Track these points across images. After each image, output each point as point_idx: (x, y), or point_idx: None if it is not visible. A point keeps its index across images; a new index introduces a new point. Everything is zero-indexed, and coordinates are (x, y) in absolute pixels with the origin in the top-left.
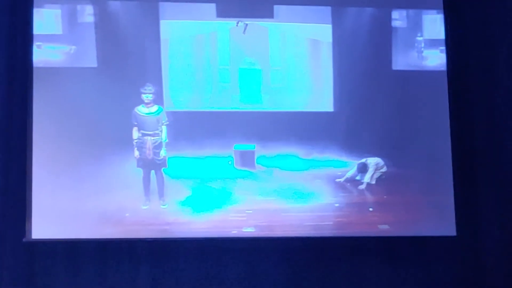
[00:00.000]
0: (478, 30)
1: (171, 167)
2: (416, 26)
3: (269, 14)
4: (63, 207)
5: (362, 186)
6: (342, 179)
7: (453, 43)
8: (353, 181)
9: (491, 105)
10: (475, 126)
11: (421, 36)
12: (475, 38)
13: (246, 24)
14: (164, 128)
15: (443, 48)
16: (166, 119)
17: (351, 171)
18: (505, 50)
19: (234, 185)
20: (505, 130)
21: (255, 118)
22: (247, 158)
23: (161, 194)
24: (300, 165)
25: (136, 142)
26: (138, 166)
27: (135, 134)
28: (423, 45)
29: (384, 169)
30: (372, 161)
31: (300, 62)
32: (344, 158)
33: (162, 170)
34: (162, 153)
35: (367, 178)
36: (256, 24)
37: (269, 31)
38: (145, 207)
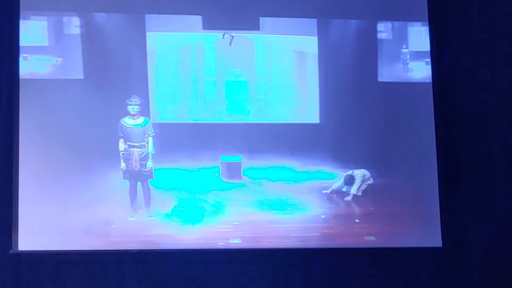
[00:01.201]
0: (463, 42)
1: (157, 178)
2: (401, 38)
3: (255, 26)
4: (50, 218)
5: (349, 198)
6: (328, 191)
7: (438, 55)
8: (340, 193)
9: (476, 116)
10: (460, 137)
11: (407, 48)
12: (460, 50)
13: (232, 36)
14: (150, 139)
15: (428, 60)
16: (153, 130)
17: (338, 183)
18: (490, 62)
19: (220, 197)
20: (490, 141)
21: (241, 129)
22: (233, 170)
23: (147, 206)
24: (287, 176)
25: (122, 153)
26: (124, 177)
27: (122, 145)
28: (408, 57)
29: (370, 181)
30: (359, 173)
31: (286, 73)
32: (330, 170)
33: (148, 181)
34: (149, 164)
35: (353, 190)
36: (242, 36)
37: (255, 43)
38: (131, 219)
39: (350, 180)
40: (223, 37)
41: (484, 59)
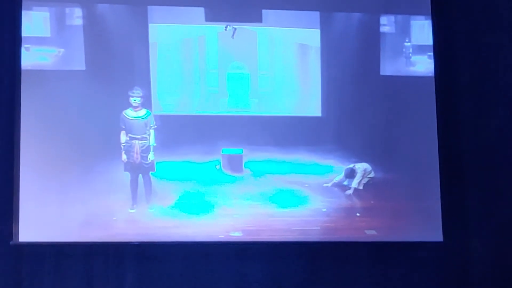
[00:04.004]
0: (466, 36)
1: (158, 171)
2: (404, 31)
3: (258, 19)
4: (50, 210)
5: (350, 192)
6: (329, 184)
7: (441, 49)
8: (341, 186)
9: (479, 111)
10: (462, 131)
11: (409, 41)
12: (463, 44)
13: (235, 28)
14: (152, 132)
15: (431, 54)
16: (154, 123)
17: (339, 176)
18: (493, 56)
19: (221, 189)
20: (492, 135)
21: (243, 122)
22: (235, 162)
23: (148, 198)
24: (288, 169)
25: (124, 145)
26: (125, 170)
27: (123, 137)
28: (411, 50)
29: (372, 175)
30: (360, 167)
31: (288, 66)
32: (331, 163)
33: (149, 174)
34: (150, 157)
35: (354, 183)
36: (245, 29)
37: (257, 35)
38: (132, 211)
39: (351, 174)
40: (225, 30)
41: (487, 53)
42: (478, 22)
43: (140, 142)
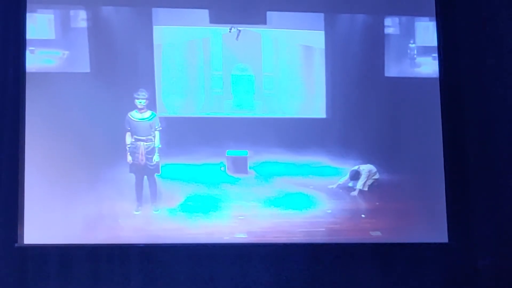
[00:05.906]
0: (470, 37)
1: (163, 172)
2: (408, 33)
3: (262, 20)
4: (55, 212)
5: (355, 193)
6: (334, 186)
7: (446, 50)
8: (346, 188)
9: (483, 112)
10: (467, 133)
11: (414, 43)
12: (468, 45)
13: (239, 30)
14: (157, 133)
15: (436, 55)
16: (159, 124)
17: (344, 178)
18: (497, 57)
19: (226, 191)
20: (497, 136)
21: (247, 124)
22: (239, 164)
23: (153, 200)
24: (293, 171)
25: (129, 147)
26: (130, 171)
27: (128, 139)
28: (415, 52)
29: (376, 176)
30: (365, 168)
31: (293, 68)
32: (336, 165)
33: (154, 175)
34: (155, 158)
35: (359, 185)
36: (249, 30)
37: (262, 37)
38: (137, 213)
39: (356, 175)
40: (230, 31)
41: (491, 54)
42: (483, 23)
43: (145, 143)
